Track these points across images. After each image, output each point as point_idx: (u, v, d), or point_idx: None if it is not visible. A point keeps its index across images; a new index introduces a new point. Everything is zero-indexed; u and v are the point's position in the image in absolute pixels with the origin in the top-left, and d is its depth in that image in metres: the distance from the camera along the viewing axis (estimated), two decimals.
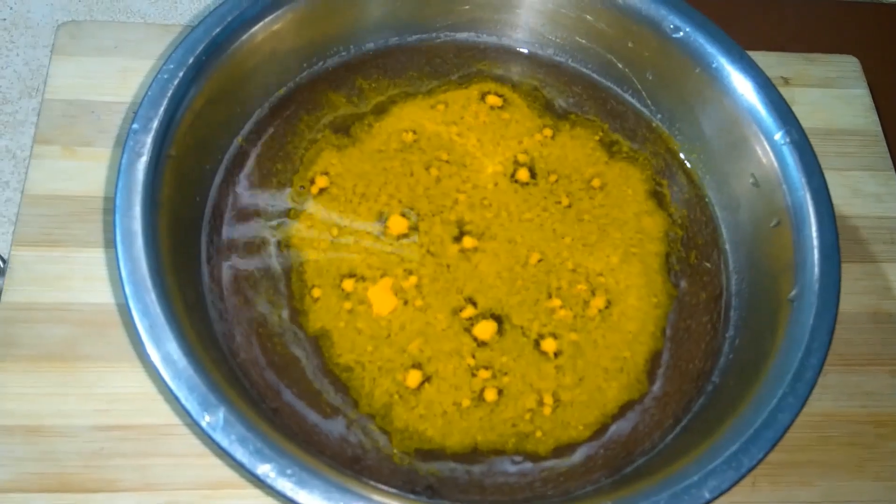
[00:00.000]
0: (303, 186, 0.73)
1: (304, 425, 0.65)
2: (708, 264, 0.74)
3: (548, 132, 0.79)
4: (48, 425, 0.67)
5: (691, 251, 0.75)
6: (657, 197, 0.76)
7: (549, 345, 0.69)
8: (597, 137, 0.79)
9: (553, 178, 0.76)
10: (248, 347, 0.67)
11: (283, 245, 0.71)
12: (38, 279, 0.72)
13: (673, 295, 0.72)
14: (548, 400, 0.67)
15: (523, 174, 0.76)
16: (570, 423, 0.67)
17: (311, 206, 0.73)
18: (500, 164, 0.76)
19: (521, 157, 0.77)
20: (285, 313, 0.68)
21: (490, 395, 0.67)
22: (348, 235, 0.72)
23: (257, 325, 0.68)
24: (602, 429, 0.67)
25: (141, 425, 0.68)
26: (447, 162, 0.76)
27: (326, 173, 0.74)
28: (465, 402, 0.66)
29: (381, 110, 0.78)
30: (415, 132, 0.77)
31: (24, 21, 0.85)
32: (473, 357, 0.68)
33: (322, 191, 0.73)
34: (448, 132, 0.77)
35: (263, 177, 0.73)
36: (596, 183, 0.76)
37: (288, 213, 0.72)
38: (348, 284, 0.70)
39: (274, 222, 0.72)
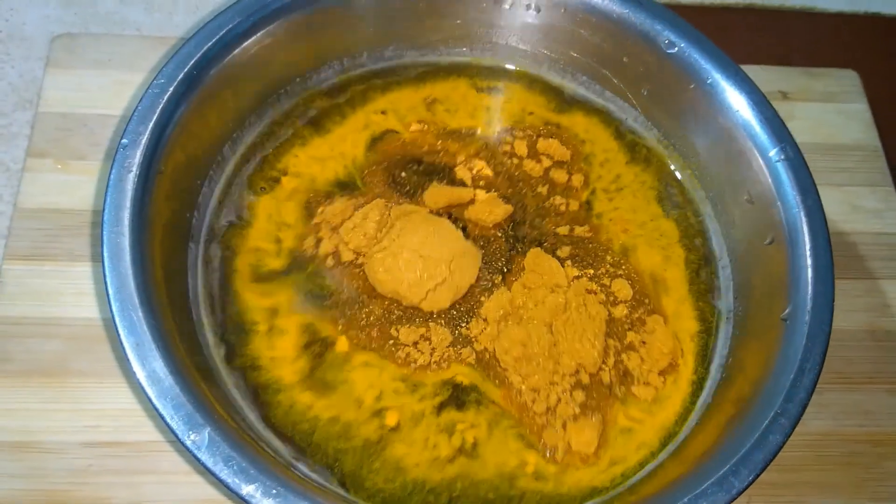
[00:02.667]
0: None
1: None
2: (701, 281, 0.73)
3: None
4: (37, 441, 0.67)
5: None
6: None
7: None
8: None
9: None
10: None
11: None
12: (29, 293, 0.72)
13: None
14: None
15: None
16: None
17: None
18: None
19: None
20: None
21: None
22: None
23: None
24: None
25: (130, 442, 0.67)
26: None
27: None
28: None
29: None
30: None
31: (19, 33, 0.85)
32: None
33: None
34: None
35: (255, 196, 0.73)
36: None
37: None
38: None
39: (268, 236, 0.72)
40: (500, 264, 0.72)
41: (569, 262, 0.72)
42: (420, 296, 0.68)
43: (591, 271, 0.72)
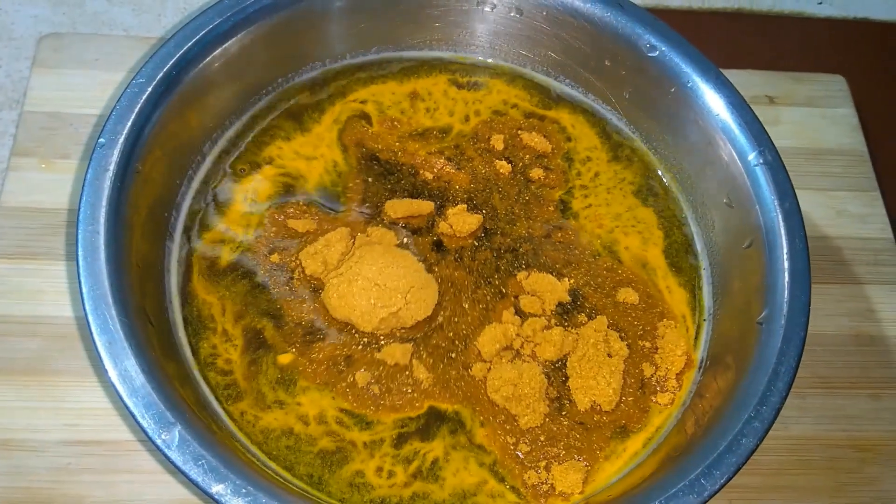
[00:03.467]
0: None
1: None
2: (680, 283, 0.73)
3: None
4: (17, 439, 0.67)
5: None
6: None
7: None
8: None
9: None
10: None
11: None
12: (11, 292, 0.72)
13: None
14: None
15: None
16: None
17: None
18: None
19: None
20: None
21: None
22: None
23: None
24: None
25: (109, 441, 0.68)
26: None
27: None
28: None
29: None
30: None
31: (6, 33, 0.85)
32: None
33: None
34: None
35: (233, 194, 0.73)
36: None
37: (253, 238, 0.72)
38: None
39: (240, 240, 0.71)
40: (490, 288, 0.71)
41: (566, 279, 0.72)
42: (373, 324, 0.67)
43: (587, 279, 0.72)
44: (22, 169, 0.77)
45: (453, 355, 0.68)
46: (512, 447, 0.65)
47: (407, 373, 0.67)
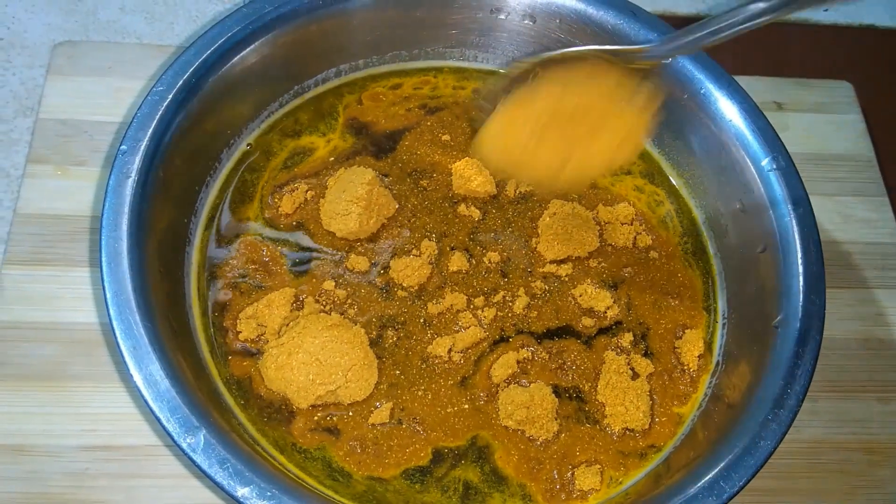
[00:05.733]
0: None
1: None
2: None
3: None
4: (34, 444, 0.67)
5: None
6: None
7: None
8: None
9: None
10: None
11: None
12: (28, 298, 0.72)
13: None
14: None
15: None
16: None
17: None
18: None
19: None
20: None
21: None
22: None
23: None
24: None
25: (126, 446, 0.68)
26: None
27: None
28: None
29: None
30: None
31: (20, 40, 0.86)
32: None
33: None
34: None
35: (249, 201, 0.74)
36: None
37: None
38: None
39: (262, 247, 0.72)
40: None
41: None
42: (308, 401, 0.64)
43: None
44: (38, 176, 0.77)
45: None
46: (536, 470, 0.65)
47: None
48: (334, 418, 0.65)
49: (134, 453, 0.68)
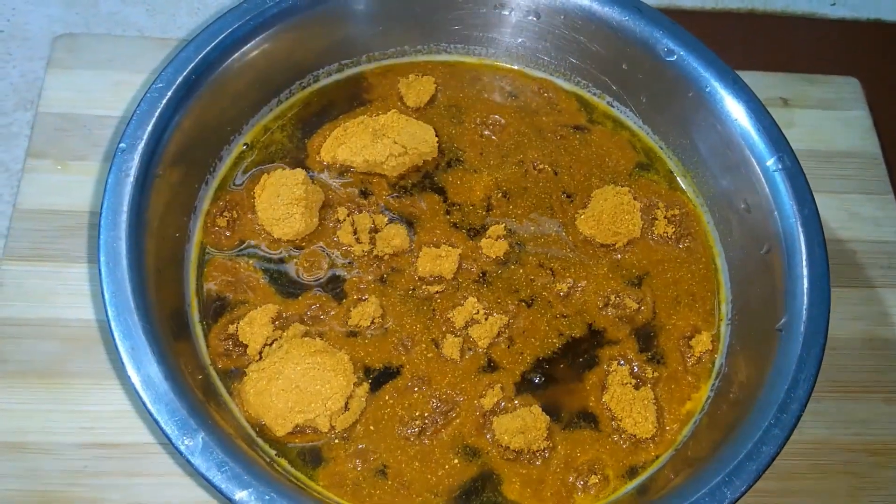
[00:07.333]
0: None
1: None
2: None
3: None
4: (33, 442, 0.67)
5: None
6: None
7: None
8: None
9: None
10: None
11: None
12: (27, 294, 0.72)
13: None
14: None
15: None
16: None
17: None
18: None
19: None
20: None
21: None
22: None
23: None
24: None
25: (125, 443, 0.68)
26: None
27: None
28: None
29: None
30: None
31: (21, 33, 0.85)
32: None
33: None
34: None
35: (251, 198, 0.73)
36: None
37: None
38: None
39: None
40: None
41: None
42: (286, 429, 0.62)
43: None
44: (37, 171, 0.77)
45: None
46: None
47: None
48: (316, 445, 0.64)
49: (132, 451, 0.68)
